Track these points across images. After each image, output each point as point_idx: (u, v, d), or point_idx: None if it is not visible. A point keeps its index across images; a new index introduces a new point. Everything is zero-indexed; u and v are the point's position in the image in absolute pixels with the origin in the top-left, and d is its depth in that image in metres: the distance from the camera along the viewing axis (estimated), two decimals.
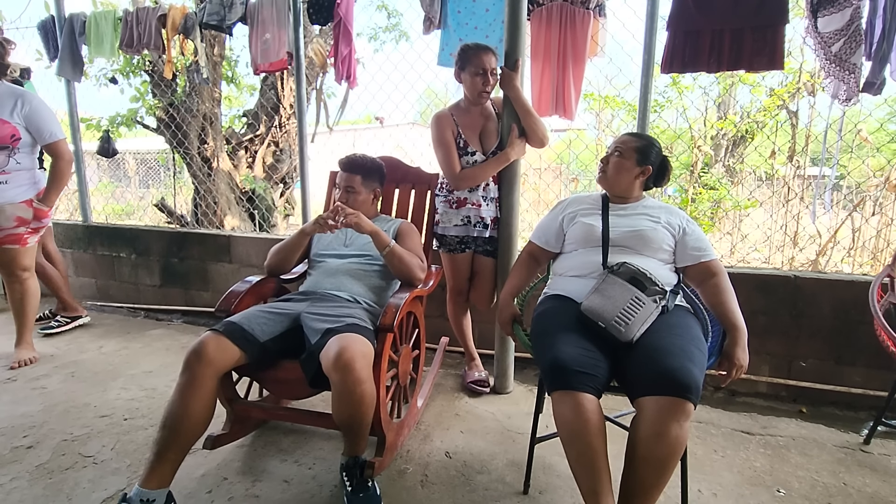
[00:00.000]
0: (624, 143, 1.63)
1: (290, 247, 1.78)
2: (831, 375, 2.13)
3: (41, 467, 1.59)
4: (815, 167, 4.20)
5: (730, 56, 2.10)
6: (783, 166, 4.19)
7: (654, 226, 1.55)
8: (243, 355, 1.43)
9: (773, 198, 4.11)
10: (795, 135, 3.99)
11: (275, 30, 2.80)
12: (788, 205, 3.76)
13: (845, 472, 1.62)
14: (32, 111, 2.14)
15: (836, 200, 4.40)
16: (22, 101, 2.13)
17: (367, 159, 1.89)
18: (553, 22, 2.32)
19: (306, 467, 1.60)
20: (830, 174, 2.90)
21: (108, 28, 3.18)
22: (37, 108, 2.17)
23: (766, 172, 4.94)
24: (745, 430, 1.88)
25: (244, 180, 4.64)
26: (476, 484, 1.53)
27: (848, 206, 4.08)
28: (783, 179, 4.04)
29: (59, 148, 2.24)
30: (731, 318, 1.40)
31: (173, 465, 1.32)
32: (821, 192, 2.57)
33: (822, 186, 3.48)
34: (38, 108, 2.18)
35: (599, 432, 1.19)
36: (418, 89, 3.42)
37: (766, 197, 4.38)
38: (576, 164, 5.54)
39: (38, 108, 2.17)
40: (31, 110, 2.14)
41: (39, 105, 2.20)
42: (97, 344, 2.68)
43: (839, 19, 1.99)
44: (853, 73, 1.98)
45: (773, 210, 4.01)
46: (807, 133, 4.06)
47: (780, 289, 2.15)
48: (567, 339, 1.31)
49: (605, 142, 5.67)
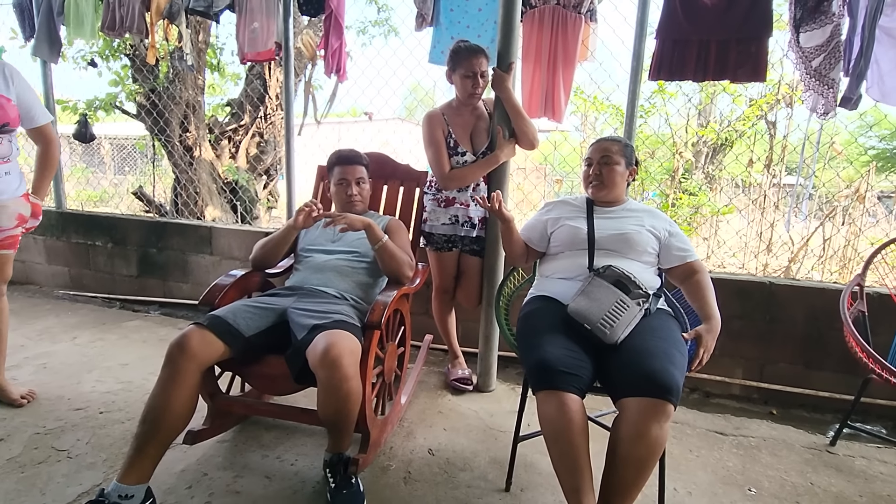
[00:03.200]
0: (608, 149, 1.65)
1: (277, 241, 1.76)
2: (801, 379, 2.21)
3: (12, 461, 1.54)
4: (792, 176, 4.35)
5: (715, 66, 2.16)
6: (760, 174, 4.32)
7: (639, 229, 1.58)
8: (227, 349, 1.41)
9: (750, 206, 4.23)
10: (773, 145, 4.11)
11: (263, 19, 2.75)
12: (764, 213, 3.87)
13: (812, 473, 1.68)
14: (23, 87, 1.80)
15: (811, 210, 4.56)
16: (11, 75, 1.76)
17: (361, 152, 1.94)
18: (545, 25, 2.34)
19: (288, 463, 1.59)
20: (807, 185, 3.00)
21: (88, 9, 3.08)
22: (26, 85, 1.82)
23: (744, 180, 5.08)
24: (719, 430, 1.94)
25: (227, 171, 4.55)
26: (459, 481, 1.54)
27: (820, 214, 4.23)
28: (760, 188, 4.15)
29: (50, 131, 1.91)
30: (708, 310, 1.46)
31: (153, 460, 1.30)
32: (797, 201, 2.66)
33: (798, 196, 3.60)
34: (26, 84, 1.83)
35: (582, 431, 1.22)
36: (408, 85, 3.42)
37: (744, 205, 4.51)
38: (560, 166, 5.61)
39: (27, 85, 1.83)
40: (22, 86, 1.80)
41: (25, 81, 1.83)
42: (70, 335, 2.61)
43: (820, 35, 2.06)
44: (832, 88, 2.05)
45: (749, 217, 4.12)
46: (783, 143, 4.19)
47: (755, 294, 2.22)
48: (552, 340, 1.33)
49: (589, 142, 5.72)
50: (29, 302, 3.17)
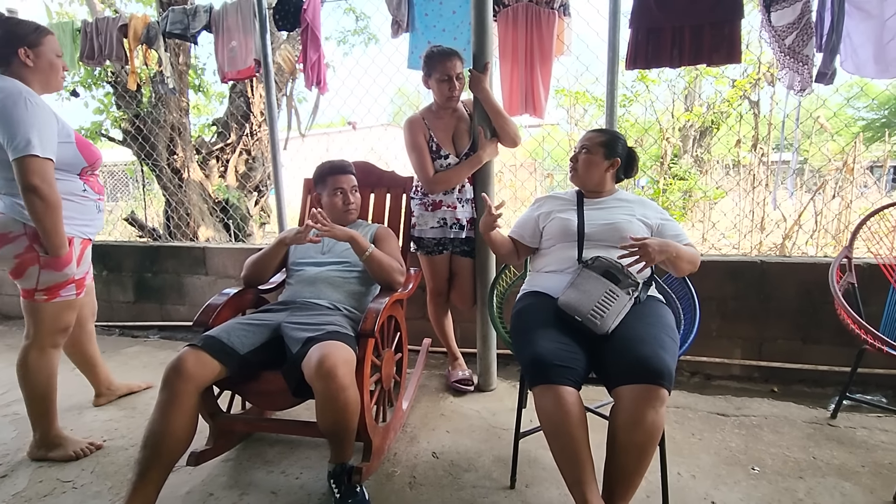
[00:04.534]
0: (590, 139, 1.68)
1: (267, 257, 1.77)
2: (799, 354, 2.22)
3: (18, 496, 1.54)
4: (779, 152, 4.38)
5: (690, 51, 2.17)
6: (749, 153, 4.35)
7: (629, 219, 1.59)
8: (223, 369, 1.42)
9: (740, 186, 4.25)
10: (758, 123, 4.13)
11: (241, 37, 2.77)
12: (754, 192, 3.89)
13: (814, 447, 1.69)
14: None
15: (800, 184, 4.59)
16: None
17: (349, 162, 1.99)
18: (519, 22, 2.36)
19: (293, 477, 1.59)
20: (792, 160, 3.02)
21: (66, 40, 3.09)
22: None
23: (733, 159, 5.11)
24: (721, 412, 1.95)
25: (217, 190, 4.56)
26: (464, 482, 1.55)
27: (811, 188, 4.25)
28: (748, 167, 4.18)
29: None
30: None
31: (156, 484, 1.30)
32: (783, 178, 2.68)
33: (784, 173, 3.62)
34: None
35: (581, 423, 1.23)
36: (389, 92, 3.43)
37: (733, 185, 4.53)
38: (549, 160, 5.63)
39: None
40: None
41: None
42: (69, 366, 2.57)
43: (791, 13, 2.08)
44: (806, 65, 2.07)
45: (739, 198, 4.14)
46: (769, 121, 4.22)
47: (747, 274, 2.24)
48: (545, 335, 1.34)
49: (577, 136, 5.75)
50: None
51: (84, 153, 1.69)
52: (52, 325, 1.69)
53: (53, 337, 1.72)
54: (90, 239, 1.78)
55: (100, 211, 1.80)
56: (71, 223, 1.65)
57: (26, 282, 1.64)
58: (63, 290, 1.67)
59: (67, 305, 1.70)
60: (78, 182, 1.70)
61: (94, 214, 1.77)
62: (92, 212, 1.76)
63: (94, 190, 1.76)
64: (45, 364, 1.73)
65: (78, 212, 1.70)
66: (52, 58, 1.64)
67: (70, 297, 1.70)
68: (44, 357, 1.72)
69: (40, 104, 1.55)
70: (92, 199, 1.75)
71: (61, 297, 1.67)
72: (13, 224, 1.60)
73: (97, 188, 1.78)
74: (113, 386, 2.19)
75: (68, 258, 1.63)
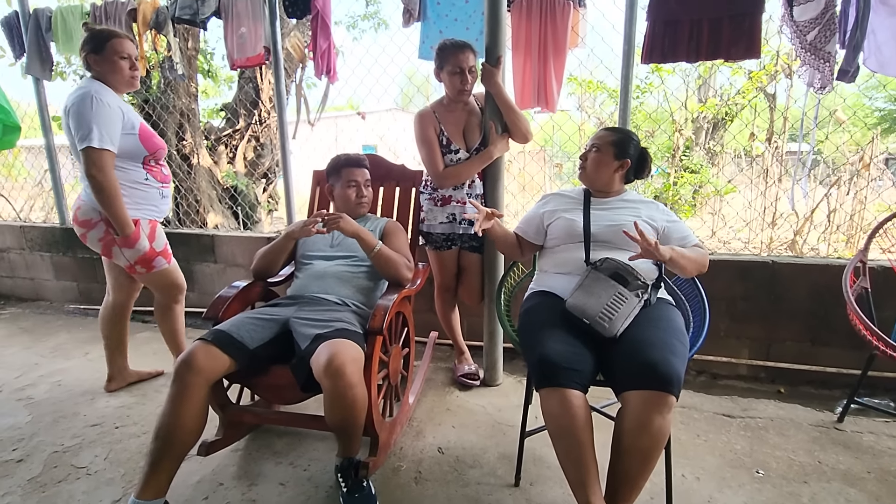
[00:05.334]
0: (601, 138, 1.65)
1: (276, 250, 1.78)
2: (808, 356, 2.21)
3: (33, 481, 1.58)
4: (794, 142, 4.30)
5: (708, 45, 2.12)
6: (763, 144, 4.27)
7: (636, 220, 1.57)
8: (233, 363, 1.43)
9: (752, 183, 4.18)
10: (773, 118, 4.05)
11: (250, 23, 2.74)
12: (766, 189, 3.83)
13: (820, 451, 1.69)
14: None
15: (815, 177, 4.51)
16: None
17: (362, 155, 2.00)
18: (533, 13, 2.31)
19: (301, 469, 1.62)
20: (808, 161, 2.96)
21: (76, 24, 3.07)
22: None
23: (746, 151, 5.02)
24: (727, 413, 1.95)
25: (225, 177, 4.56)
26: (469, 478, 1.57)
27: (825, 181, 4.18)
28: (762, 163, 4.11)
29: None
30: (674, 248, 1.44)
31: (168, 474, 1.33)
32: (798, 178, 2.63)
33: (800, 169, 3.55)
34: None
35: (586, 427, 1.23)
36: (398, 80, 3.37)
37: (746, 180, 4.46)
38: (560, 148, 5.57)
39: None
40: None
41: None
42: (82, 350, 2.65)
43: (814, 8, 2.02)
44: (828, 62, 2.01)
45: (752, 194, 4.08)
46: (784, 115, 4.13)
47: (758, 274, 2.21)
48: (553, 336, 1.34)
49: (588, 124, 5.69)
50: (41, 319, 3.21)
51: (146, 144, 1.88)
52: (166, 289, 2.05)
53: (170, 297, 2.08)
54: (157, 220, 1.99)
55: (163, 197, 2.01)
56: (136, 208, 1.89)
57: (119, 259, 1.93)
58: (154, 261, 1.96)
59: (166, 272, 2.01)
60: (140, 171, 1.91)
61: (158, 200, 1.98)
62: (155, 198, 1.97)
63: (156, 178, 1.96)
64: (171, 317, 2.13)
65: (141, 198, 1.92)
66: (115, 60, 1.83)
67: (164, 266, 1.99)
68: (169, 312, 2.12)
69: (105, 101, 1.75)
70: (154, 187, 1.95)
71: (156, 268, 1.97)
72: (92, 212, 1.86)
73: (160, 177, 1.98)
74: (125, 372, 2.24)
75: (136, 236, 1.86)
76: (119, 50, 1.83)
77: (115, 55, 1.83)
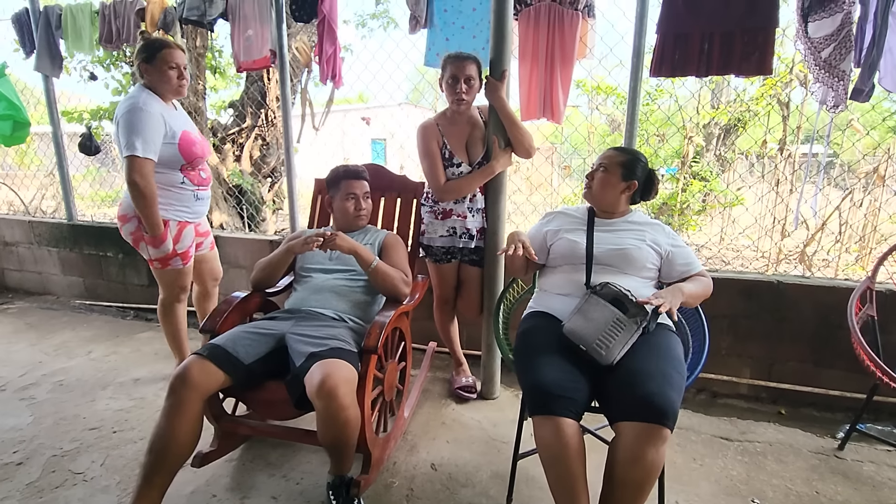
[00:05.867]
0: (609, 158, 1.62)
1: (275, 263, 1.78)
2: (811, 378, 2.17)
3: (31, 486, 1.61)
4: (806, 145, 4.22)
5: (719, 60, 2.08)
6: (776, 150, 4.20)
7: (639, 245, 1.55)
8: (228, 378, 1.43)
9: (762, 193, 4.12)
10: (786, 128, 3.98)
11: (257, 26, 2.73)
12: (777, 200, 3.77)
13: (818, 480, 1.67)
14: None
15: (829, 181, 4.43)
16: (186, 114, 2.16)
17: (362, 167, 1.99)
18: (541, 23, 2.27)
19: (294, 482, 1.63)
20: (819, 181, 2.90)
21: (85, 22, 3.08)
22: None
23: (758, 156, 4.95)
24: (725, 435, 1.93)
25: (231, 175, 4.57)
26: (460, 498, 1.57)
27: (842, 185, 4.10)
28: (773, 173, 4.04)
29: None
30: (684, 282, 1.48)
31: (161, 489, 1.34)
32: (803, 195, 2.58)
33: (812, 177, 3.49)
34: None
35: (578, 456, 1.22)
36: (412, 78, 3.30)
37: (756, 190, 4.39)
38: (567, 146, 5.52)
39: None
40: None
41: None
42: (86, 349, 2.68)
43: (829, 24, 1.97)
44: (842, 80, 1.96)
45: (762, 206, 4.02)
46: (798, 125, 4.05)
47: (763, 293, 2.18)
48: (548, 362, 1.33)
49: (597, 121, 5.63)
50: (46, 314, 3.26)
51: (184, 153, 1.99)
52: (170, 287, 2.13)
53: (172, 295, 2.14)
54: (188, 221, 2.09)
55: (198, 199, 2.11)
56: (169, 209, 2.01)
57: (143, 253, 2.06)
58: (171, 261, 2.06)
59: (178, 273, 2.10)
60: (177, 175, 2.01)
61: (192, 202, 2.09)
62: (189, 200, 2.07)
63: (192, 182, 2.06)
64: (172, 315, 2.18)
65: (175, 199, 2.03)
66: (164, 70, 1.94)
67: (178, 266, 2.09)
68: (170, 310, 2.17)
69: (149, 111, 1.87)
70: (189, 190, 2.06)
71: (171, 266, 2.07)
72: (129, 208, 1.99)
73: (196, 180, 2.08)
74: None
75: (163, 237, 2.00)
76: (168, 60, 1.93)
77: (165, 65, 1.93)
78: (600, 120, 5.37)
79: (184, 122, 2.05)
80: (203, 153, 2.08)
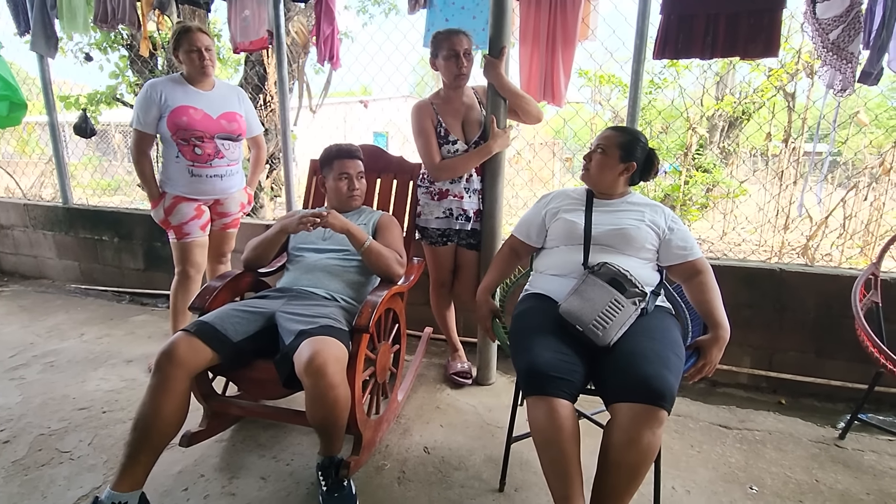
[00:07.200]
0: (607, 138, 1.58)
1: (268, 242, 1.74)
2: (812, 367, 2.14)
3: (17, 463, 1.58)
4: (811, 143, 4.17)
5: (724, 42, 2.03)
6: (780, 145, 4.14)
7: (638, 224, 1.51)
8: (216, 355, 1.40)
9: (766, 185, 4.07)
10: (791, 118, 3.91)
11: (254, 6, 2.68)
12: (780, 195, 3.72)
13: (818, 469, 1.64)
14: (248, 106, 2.25)
15: (832, 179, 4.38)
16: (240, 97, 2.22)
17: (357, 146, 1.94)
18: (542, 3, 2.23)
19: (284, 463, 1.60)
20: (824, 164, 2.86)
21: (79, 1, 3.03)
22: (250, 105, 2.28)
23: (762, 151, 4.89)
24: (723, 423, 1.90)
25: None
26: (453, 481, 1.54)
27: (845, 184, 4.04)
28: (777, 166, 3.99)
29: (261, 139, 2.39)
30: (715, 317, 1.39)
31: (145, 467, 1.31)
32: (808, 186, 2.53)
33: (816, 172, 3.44)
34: (250, 104, 2.28)
35: (572, 438, 1.19)
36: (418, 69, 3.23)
37: (759, 183, 4.34)
38: (573, 140, 5.47)
39: (250, 105, 2.28)
40: (248, 105, 2.25)
41: (249, 101, 2.29)
42: (78, 331, 2.66)
43: (838, 5, 1.92)
44: (850, 63, 1.92)
45: (765, 199, 3.97)
46: (803, 117, 3.99)
47: (764, 282, 2.14)
48: (544, 343, 1.30)
49: (601, 116, 5.57)
50: (41, 297, 3.23)
51: (169, 124, 2.01)
52: (176, 262, 2.17)
53: (178, 271, 2.18)
54: (184, 196, 2.10)
55: (194, 175, 2.08)
56: (167, 182, 2.11)
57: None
58: (168, 232, 2.14)
59: (179, 247, 2.14)
60: (173, 149, 2.06)
61: (187, 178, 2.08)
62: (184, 175, 2.08)
63: (185, 157, 2.06)
64: (176, 290, 2.20)
65: (173, 172, 2.09)
66: (187, 53, 2.00)
67: (172, 240, 2.14)
68: (176, 286, 2.19)
69: (145, 89, 2.01)
70: (183, 165, 2.06)
71: (169, 239, 2.16)
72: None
73: (189, 156, 2.06)
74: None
75: (153, 205, 2.10)
76: (187, 44, 1.99)
77: (186, 49, 2.00)
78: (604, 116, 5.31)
79: (195, 99, 2.05)
80: (188, 125, 2.02)
